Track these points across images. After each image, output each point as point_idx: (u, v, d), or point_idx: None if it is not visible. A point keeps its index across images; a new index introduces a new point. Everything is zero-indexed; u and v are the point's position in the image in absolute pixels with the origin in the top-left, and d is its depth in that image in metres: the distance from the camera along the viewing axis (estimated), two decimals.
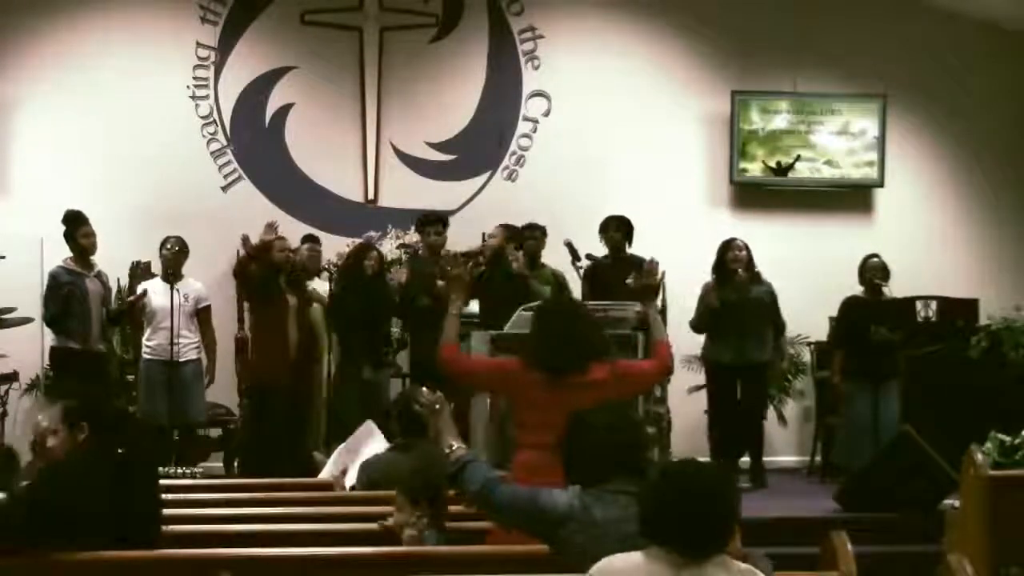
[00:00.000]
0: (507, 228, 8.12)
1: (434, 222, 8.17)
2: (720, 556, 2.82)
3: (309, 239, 8.55)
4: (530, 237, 8.25)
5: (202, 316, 7.90)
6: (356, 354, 7.80)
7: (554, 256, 8.25)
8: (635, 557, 2.82)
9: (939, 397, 7.67)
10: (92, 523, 3.56)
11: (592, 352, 4.30)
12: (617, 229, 8.08)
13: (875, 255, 7.96)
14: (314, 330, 8.01)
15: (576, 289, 8.05)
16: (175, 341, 7.61)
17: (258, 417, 7.67)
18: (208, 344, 7.91)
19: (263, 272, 7.54)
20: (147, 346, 7.76)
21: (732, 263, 7.78)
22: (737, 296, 7.73)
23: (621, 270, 7.79)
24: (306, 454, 7.47)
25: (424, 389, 4.04)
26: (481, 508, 3.62)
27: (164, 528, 3.92)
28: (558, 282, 8.10)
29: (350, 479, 5.23)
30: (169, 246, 7.84)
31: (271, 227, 7.51)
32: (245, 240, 7.60)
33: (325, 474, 5.64)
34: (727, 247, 7.86)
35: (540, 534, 3.38)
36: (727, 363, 7.75)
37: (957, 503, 5.62)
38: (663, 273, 4.61)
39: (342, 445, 5.79)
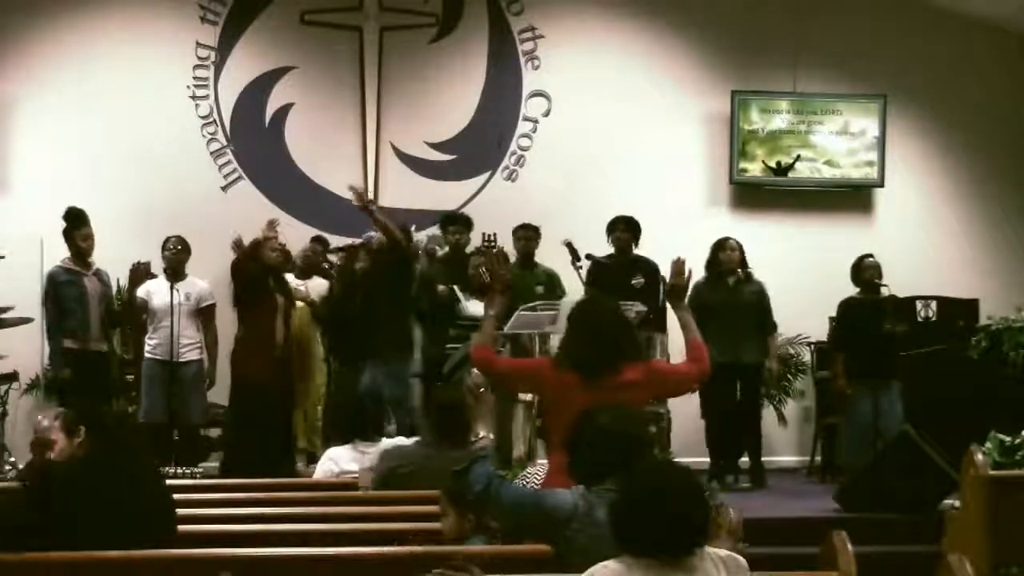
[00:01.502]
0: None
1: (456, 222, 8.17)
2: (701, 549, 2.82)
3: (315, 240, 8.58)
4: (523, 237, 8.25)
5: (205, 315, 7.89)
6: (352, 354, 7.82)
7: (551, 256, 8.24)
8: (619, 570, 2.80)
9: (939, 397, 7.68)
10: (94, 523, 3.56)
11: (625, 352, 4.24)
12: (625, 230, 8.06)
13: (869, 255, 7.95)
14: (302, 331, 8.00)
15: (571, 289, 8.04)
16: (176, 341, 7.60)
17: (242, 415, 7.64)
18: (209, 344, 7.90)
19: (255, 271, 7.52)
20: (149, 345, 7.75)
21: (726, 263, 7.78)
22: (730, 296, 7.72)
23: (626, 271, 7.79)
24: (290, 454, 7.49)
25: (476, 372, 4.02)
26: (485, 509, 3.61)
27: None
28: (552, 281, 8.10)
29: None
30: (171, 246, 7.83)
31: (271, 225, 7.49)
32: (238, 243, 7.54)
33: (320, 474, 5.65)
34: (720, 246, 7.86)
35: (544, 534, 3.37)
36: (722, 363, 7.72)
37: (957, 503, 5.62)
38: (690, 272, 4.57)
39: (328, 452, 5.77)
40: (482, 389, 3.74)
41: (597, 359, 4.19)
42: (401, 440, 5.59)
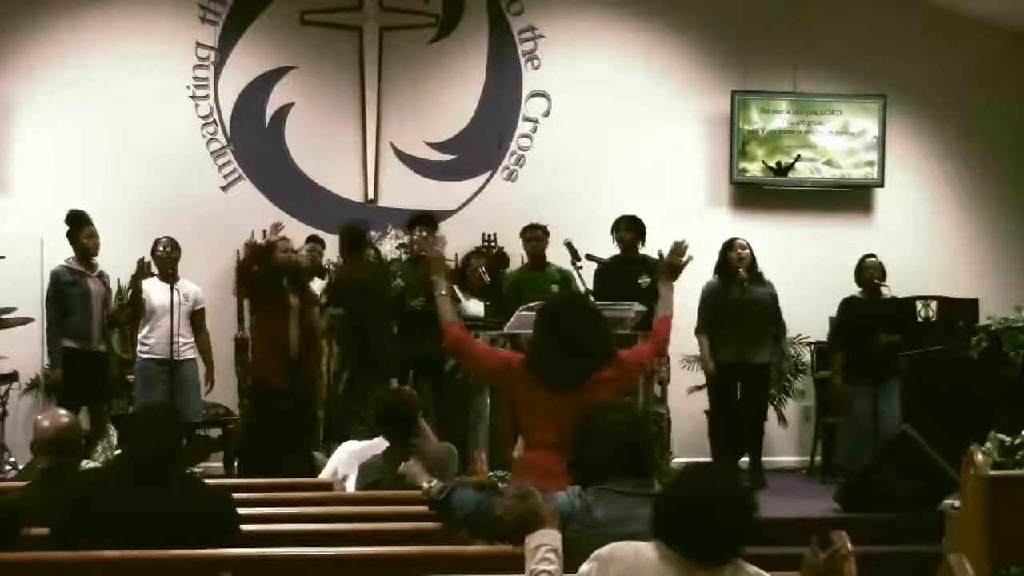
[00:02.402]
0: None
1: (422, 222, 8.06)
2: (734, 561, 2.81)
3: (312, 239, 8.57)
4: (532, 238, 8.24)
5: (197, 318, 7.87)
6: (349, 354, 7.82)
7: (551, 256, 8.24)
8: (646, 551, 2.80)
9: (939, 397, 7.67)
10: (113, 528, 3.62)
11: (597, 361, 4.20)
12: (628, 228, 8.03)
13: (872, 255, 7.96)
14: (314, 331, 8.01)
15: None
16: (174, 340, 7.59)
17: (258, 417, 7.65)
18: (204, 348, 7.87)
19: (265, 272, 7.52)
20: (144, 344, 7.69)
21: (735, 262, 7.78)
22: (739, 296, 7.72)
23: (632, 270, 7.78)
24: (307, 454, 7.48)
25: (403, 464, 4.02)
26: (477, 529, 3.61)
27: None
28: (565, 280, 8.09)
29: (350, 484, 5.24)
30: (162, 247, 7.81)
31: (276, 227, 7.49)
32: (253, 245, 7.53)
33: (326, 473, 5.65)
34: (729, 246, 7.86)
35: None
36: (727, 363, 7.75)
37: (957, 503, 5.62)
38: (689, 257, 4.60)
39: (343, 446, 5.78)
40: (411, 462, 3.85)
41: (567, 372, 4.16)
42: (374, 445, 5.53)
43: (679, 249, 4.59)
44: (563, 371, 4.17)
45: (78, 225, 7.52)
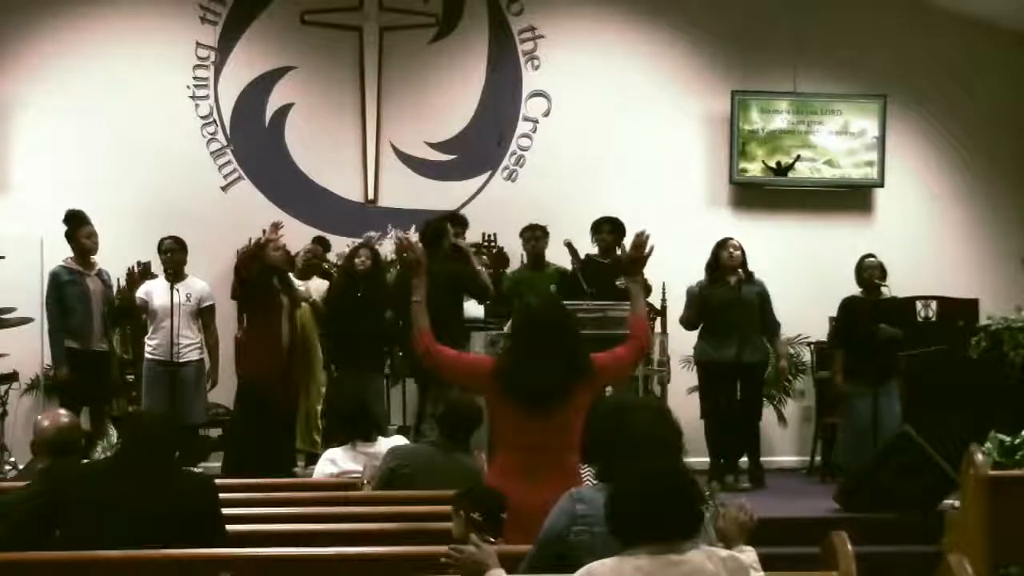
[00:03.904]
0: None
1: (455, 223, 8.07)
2: (697, 543, 2.82)
3: (317, 240, 8.59)
4: (531, 238, 8.24)
5: (205, 316, 7.87)
6: (350, 353, 7.81)
7: (551, 256, 8.24)
8: (619, 564, 2.80)
9: (939, 397, 7.68)
10: (102, 524, 3.62)
11: (562, 385, 4.08)
12: (610, 231, 8.03)
13: (871, 255, 7.95)
14: (304, 331, 8.00)
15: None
16: (175, 342, 7.59)
17: (247, 415, 7.62)
18: (211, 345, 7.88)
19: (259, 272, 7.51)
20: (149, 345, 7.73)
21: (727, 263, 7.77)
22: (731, 296, 7.72)
23: (613, 272, 7.78)
24: (290, 456, 7.49)
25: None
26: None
27: None
28: (564, 280, 8.07)
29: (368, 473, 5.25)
30: (166, 248, 7.81)
31: (276, 227, 7.48)
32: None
33: (318, 475, 5.65)
34: (722, 246, 7.85)
35: (557, 554, 3.29)
36: (721, 362, 7.74)
37: (957, 503, 5.63)
38: (651, 248, 4.53)
39: (325, 455, 5.76)
40: None
41: (532, 394, 4.07)
42: (401, 439, 5.60)
43: (640, 241, 4.48)
44: (527, 392, 4.09)
45: (77, 224, 7.52)
